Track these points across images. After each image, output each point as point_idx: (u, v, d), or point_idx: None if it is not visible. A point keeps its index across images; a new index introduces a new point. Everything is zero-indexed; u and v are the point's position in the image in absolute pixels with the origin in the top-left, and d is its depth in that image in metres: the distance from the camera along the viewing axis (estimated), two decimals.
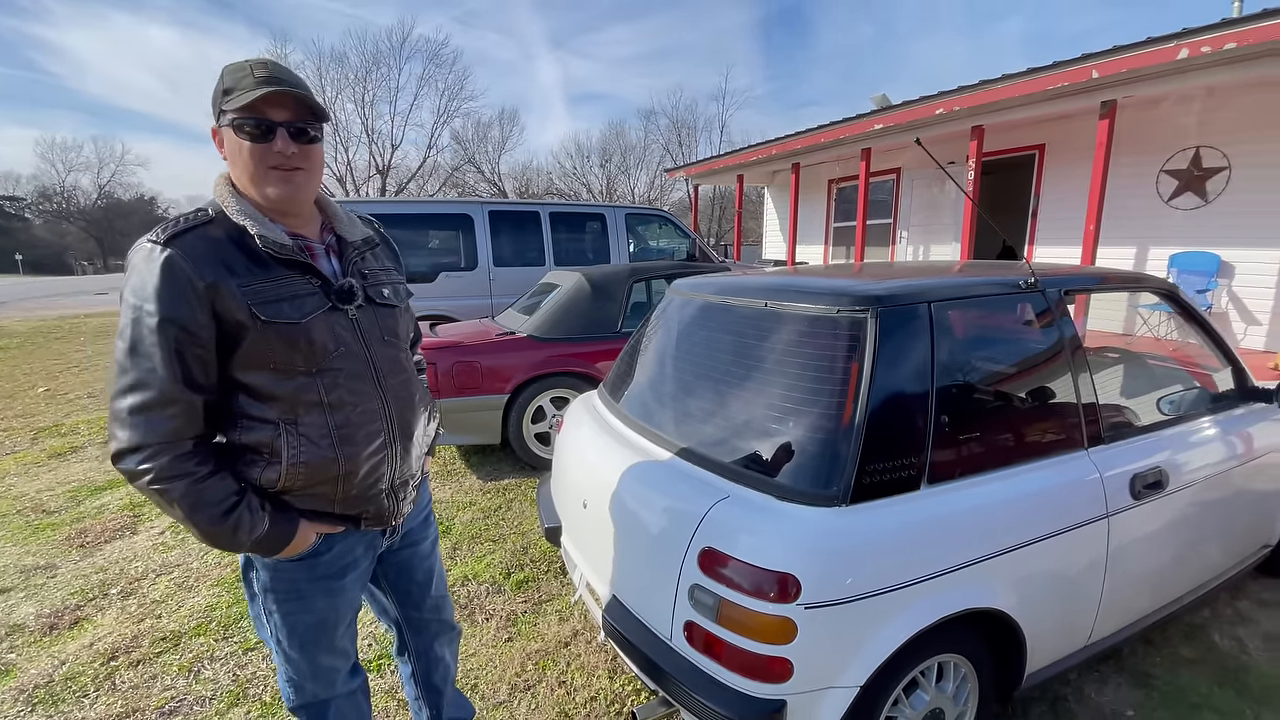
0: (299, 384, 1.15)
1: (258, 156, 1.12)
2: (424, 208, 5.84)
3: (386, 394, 1.28)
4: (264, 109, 1.10)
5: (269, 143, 1.11)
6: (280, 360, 1.13)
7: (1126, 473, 1.77)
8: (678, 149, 33.39)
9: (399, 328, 1.35)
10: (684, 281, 2.33)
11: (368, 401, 1.24)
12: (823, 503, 1.43)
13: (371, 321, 1.27)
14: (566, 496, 2.16)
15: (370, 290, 1.28)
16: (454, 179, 31.58)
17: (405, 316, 1.40)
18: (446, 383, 3.65)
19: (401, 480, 1.34)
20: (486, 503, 3.61)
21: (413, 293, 1.60)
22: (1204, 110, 6.09)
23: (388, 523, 1.36)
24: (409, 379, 1.36)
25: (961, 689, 1.63)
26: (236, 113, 1.09)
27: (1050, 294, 1.85)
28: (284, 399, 1.15)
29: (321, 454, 1.18)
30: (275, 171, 1.13)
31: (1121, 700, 2.01)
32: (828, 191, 10.73)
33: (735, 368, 1.85)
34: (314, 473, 1.18)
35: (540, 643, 2.37)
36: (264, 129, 1.11)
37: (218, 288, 1.07)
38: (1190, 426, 2.07)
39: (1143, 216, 6.62)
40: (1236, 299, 6.12)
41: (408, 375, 1.36)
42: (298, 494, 1.20)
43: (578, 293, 4.02)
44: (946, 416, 1.56)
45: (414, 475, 1.40)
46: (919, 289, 1.64)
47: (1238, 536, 2.26)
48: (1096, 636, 1.83)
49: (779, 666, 1.35)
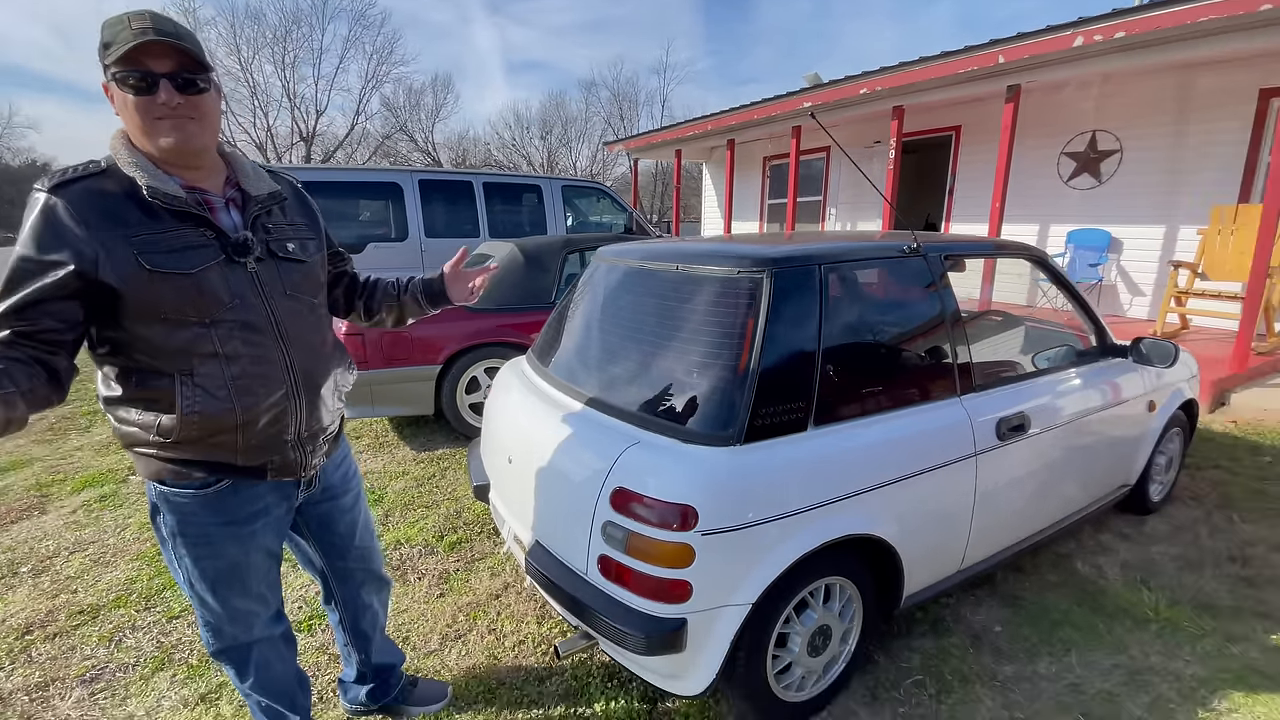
0: (193, 335, 1.19)
1: (143, 109, 1.13)
2: (350, 176, 5.65)
3: (289, 347, 1.31)
4: (144, 61, 1.11)
5: (153, 95, 1.13)
6: (171, 311, 1.16)
7: (993, 417, 2.01)
8: (619, 123, 33.14)
9: (305, 282, 1.38)
10: (608, 249, 2.42)
11: (267, 353, 1.27)
12: (719, 443, 1.58)
13: (273, 276, 1.30)
14: (493, 454, 2.24)
15: (274, 245, 1.31)
16: (385, 148, 30.27)
17: (317, 272, 1.43)
18: (375, 353, 3.63)
19: (310, 432, 1.39)
20: (419, 472, 3.64)
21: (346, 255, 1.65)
22: (1101, 96, 6.58)
23: (297, 474, 1.40)
24: (317, 333, 1.40)
25: (847, 608, 1.84)
26: (117, 66, 1.10)
27: (931, 259, 2.05)
28: (178, 350, 1.18)
29: (218, 405, 1.21)
30: (163, 123, 1.15)
31: (993, 618, 2.28)
32: (762, 169, 10.98)
33: (650, 327, 1.97)
34: (210, 423, 1.22)
35: (471, 596, 2.47)
36: (147, 81, 1.12)
37: (103, 237, 1.10)
38: (1055, 378, 2.33)
39: (1045, 196, 7.13)
40: (1124, 272, 6.71)
41: (316, 330, 1.40)
42: (197, 444, 1.24)
43: (511, 263, 4.05)
44: (832, 367, 1.73)
45: (325, 428, 1.44)
46: (811, 253, 1.80)
47: (1098, 476, 2.57)
48: (968, 563, 2.08)
49: (680, 588, 1.50)
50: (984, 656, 2.08)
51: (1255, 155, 5.58)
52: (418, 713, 1.87)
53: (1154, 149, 6.27)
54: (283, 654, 1.55)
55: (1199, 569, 2.60)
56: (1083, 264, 6.70)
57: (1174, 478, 3.12)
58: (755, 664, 1.65)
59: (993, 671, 2.02)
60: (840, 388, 1.75)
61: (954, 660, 2.06)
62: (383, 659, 1.83)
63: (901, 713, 1.86)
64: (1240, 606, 2.36)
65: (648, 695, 1.93)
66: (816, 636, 1.76)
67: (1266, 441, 3.91)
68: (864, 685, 1.95)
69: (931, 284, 2.03)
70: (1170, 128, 6.11)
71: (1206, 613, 2.32)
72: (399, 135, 31.01)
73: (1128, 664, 2.06)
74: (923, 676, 1.99)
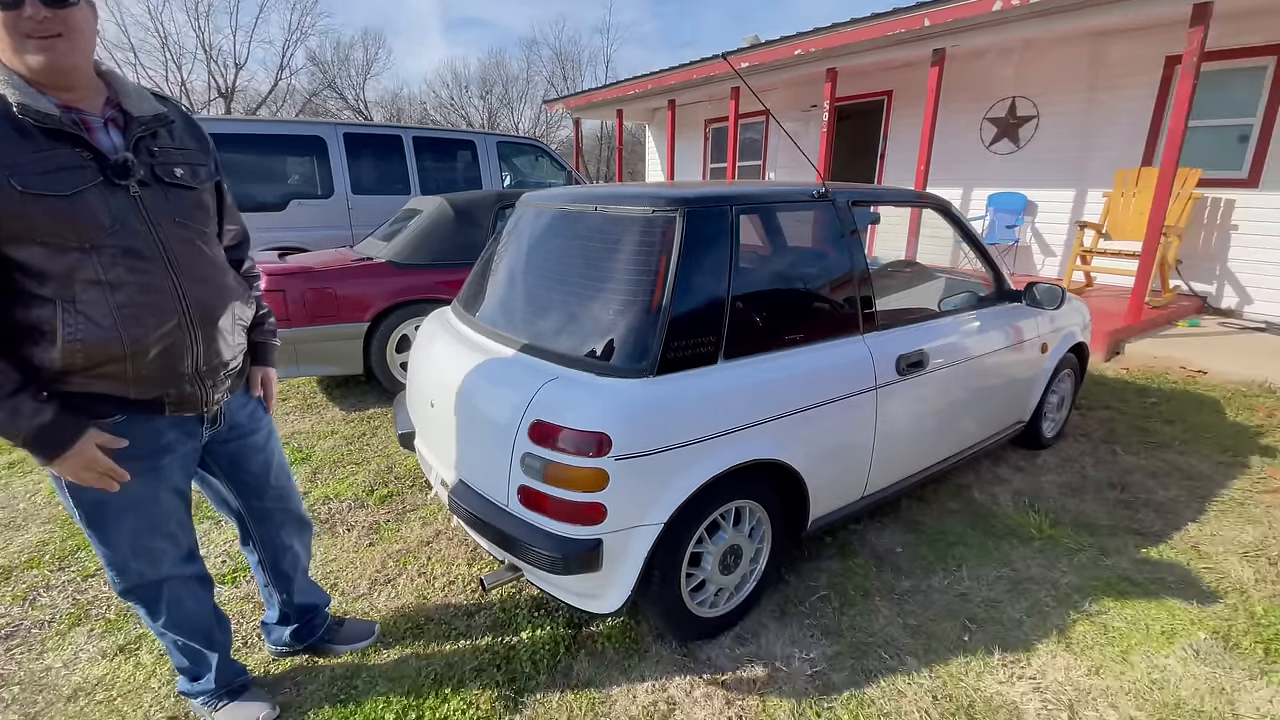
0: (73, 260, 1.15)
1: (10, 25, 1.09)
2: (268, 128, 5.34)
3: (179, 276, 1.27)
4: None
5: (19, 10, 1.08)
6: (47, 235, 1.13)
7: (894, 354, 2.14)
8: (562, 83, 32.26)
9: (196, 210, 1.34)
10: (532, 194, 2.42)
11: (156, 282, 1.24)
12: (633, 375, 1.64)
13: (159, 201, 1.26)
14: (417, 402, 2.25)
15: (159, 168, 1.27)
16: (313, 105, 28.58)
17: (208, 199, 1.39)
18: (298, 311, 3.52)
19: (209, 366, 1.36)
20: (349, 431, 3.59)
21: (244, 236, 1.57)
22: (1021, 63, 6.86)
23: (199, 409, 1.38)
24: (211, 264, 1.36)
25: (757, 530, 1.96)
26: None
27: (839, 204, 2.14)
28: (59, 275, 1.15)
29: (103, 333, 1.19)
30: (32, 40, 1.10)
31: (895, 541, 2.47)
32: (704, 132, 10.97)
33: (570, 268, 2.01)
34: (95, 352, 1.19)
35: (402, 544, 2.49)
36: None
37: None
38: (954, 320, 2.50)
39: (968, 160, 7.43)
40: (1038, 234, 7.11)
41: (209, 260, 1.36)
42: (84, 374, 1.21)
43: (440, 217, 3.96)
44: (741, 304, 1.81)
45: (226, 363, 1.41)
46: (723, 194, 1.86)
47: (993, 411, 2.78)
48: (871, 489, 2.24)
49: (594, 511, 1.57)
50: (885, 574, 2.27)
51: (1159, 121, 5.95)
52: (344, 650, 1.90)
53: (1068, 115, 6.60)
54: (196, 593, 1.55)
55: (1082, 494, 2.87)
56: (1001, 226, 7.06)
57: (1066, 416, 3.41)
58: (670, 582, 1.76)
59: (892, 586, 2.20)
60: (749, 324, 1.84)
61: (857, 578, 2.23)
62: (306, 599, 1.85)
63: (808, 624, 2.01)
64: (1116, 525, 2.63)
65: (573, 622, 2.02)
66: (728, 555, 1.87)
67: (1153, 385, 4.29)
68: (774, 602, 2.10)
69: (839, 228, 2.13)
70: (1083, 94, 6.44)
71: (1085, 531, 2.57)
72: (327, 92, 29.33)
73: (1011, 575, 2.28)
74: (828, 592, 2.15)
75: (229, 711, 1.64)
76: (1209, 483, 2.95)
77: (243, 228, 1.59)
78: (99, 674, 1.86)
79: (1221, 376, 4.35)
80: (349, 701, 1.74)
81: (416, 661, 1.88)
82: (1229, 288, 5.74)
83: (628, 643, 1.94)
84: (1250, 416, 3.70)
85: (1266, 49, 5.24)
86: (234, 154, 5.05)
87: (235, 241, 1.55)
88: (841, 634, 1.97)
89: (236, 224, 1.55)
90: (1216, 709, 1.70)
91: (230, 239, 1.52)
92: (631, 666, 1.86)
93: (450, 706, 1.72)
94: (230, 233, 1.52)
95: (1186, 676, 1.81)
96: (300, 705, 1.73)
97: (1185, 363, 4.55)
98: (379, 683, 1.80)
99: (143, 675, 1.85)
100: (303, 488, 2.94)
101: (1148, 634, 1.98)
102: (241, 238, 1.58)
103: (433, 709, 1.71)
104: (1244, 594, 2.17)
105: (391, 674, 1.83)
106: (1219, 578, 2.26)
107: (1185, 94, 4.41)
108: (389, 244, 4.00)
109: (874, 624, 2.02)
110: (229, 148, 5.01)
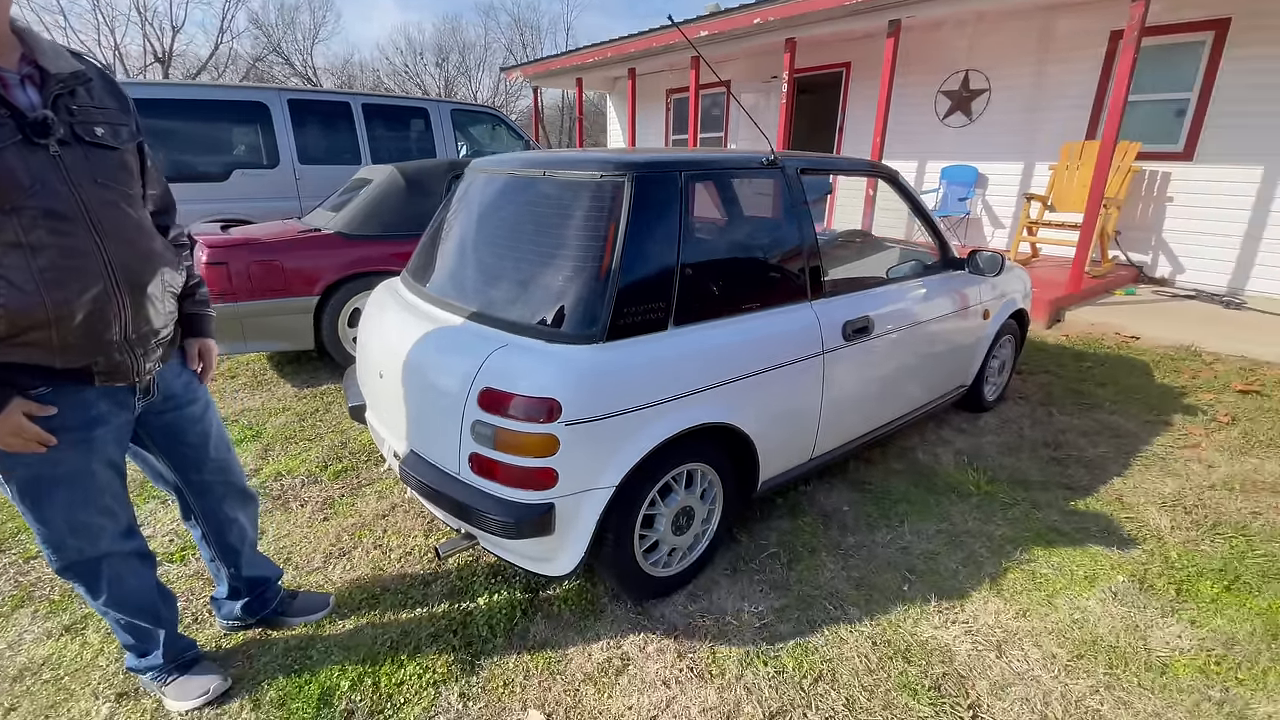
0: None
1: None
2: (207, 93, 5.06)
3: (104, 239, 1.23)
4: None
5: None
6: None
7: (840, 320, 2.20)
8: (521, 50, 31.39)
9: (119, 172, 1.29)
10: (481, 160, 2.38)
11: (79, 245, 1.20)
12: (583, 341, 1.65)
13: (80, 161, 1.21)
14: (367, 374, 2.22)
15: (79, 127, 1.21)
16: (257, 71, 27.19)
17: (130, 160, 1.33)
18: (243, 284, 3.40)
19: (139, 334, 1.33)
20: (301, 407, 3.52)
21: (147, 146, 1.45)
22: (974, 35, 6.95)
23: (130, 379, 1.35)
24: (137, 228, 1.32)
25: (709, 492, 2.02)
26: None
27: (789, 171, 2.17)
28: None
29: (25, 299, 1.14)
30: None
31: (842, 500, 2.57)
32: (665, 102, 10.85)
33: (519, 234, 1.99)
34: (18, 318, 1.15)
35: (357, 518, 2.48)
36: None
37: None
38: (899, 287, 2.57)
39: (924, 133, 7.55)
40: (989, 206, 7.30)
41: (135, 224, 1.31)
42: (7, 343, 1.17)
43: (391, 187, 3.86)
44: (691, 270, 1.83)
45: (156, 330, 1.38)
46: (672, 160, 1.86)
47: (937, 376, 2.88)
48: (819, 451, 2.32)
49: (546, 476, 1.59)
50: (832, 531, 2.36)
51: (1103, 95, 6.13)
52: (298, 623, 1.89)
53: (1018, 89, 6.75)
54: (137, 569, 1.52)
55: (1018, 453, 3.02)
56: (953, 199, 7.22)
57: (1006, 380, 3.56)
58: (624, 543, 1.80)
59: (838, 543, 2.29)
60: (699, 290, 1.86)
61: (805, 536, 2.32)
62: (255, 572, 1.83)
63: (757, 579, 2.09)
64: (1048, 481, 2.77)
65: (530, 586, 2.05)
66: (680, 517, 1.92)
67: (1090, 350, 4.50)
68: (726, 561, 2.17)
69: (788, 195, 2.15)
70: (1033, 68, 6.58)
71: (1020, 486, 2.72)
72: (273, 58, 27.92)
73: (949, 530, 2.40)
74: (777, 550, 2.24)
75: (179, 685, 1.62)
76: (1135, 440, 3.13)
77: (167, 192, 1.52)
78: (45, 654, 1.82)
79: (1153, 341, 4.58)
80: (303, 671, 1.74)
81: (372, 630, 1.89)
82: (1163, 257, 6.02)
83: (584, 604, 1.98)
84: (1176, 378, 3.93)
85: (1205, 24, 5.43)
86: (171, 121, 4.78)
87: (160, 207, 1.49)
88: (789, 588, 2.05)
89: (160, 189, 1.48)
90: (1130, 644, 1.84)
91: (154, 204, 1.46)
92: (587, 627, 1.90)
93: (406, 671, 1.74)
94: (153, 198, 1.45)
95: (1105, 616, 1.95)
96: (254, 676, 1.73)
97: (1120, 329, 4.78)
98: (334, 652, 1.81)
99: (90, 654, 1.82)
100: (253, 465, 2.89)
101: (1072, 579, 2.11)
102: (167, 203, 1.51)
103: (388, 674, 1.73)
104: (1160, 540, 2.33)
105: (347, 643, 1.84)
106: (1139, 526, 2.42)
107: (1126, 69, 4.55)
108: (338, 215, 3.88)
109: (820, 578, 2.10)
110: (166, 114, 4.74)
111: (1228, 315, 4.98)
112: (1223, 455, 2.98)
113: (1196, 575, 2.13)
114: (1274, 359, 4.14)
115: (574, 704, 1.65)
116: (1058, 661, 1.78)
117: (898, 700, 1.66)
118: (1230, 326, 4.65)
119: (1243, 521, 2.45)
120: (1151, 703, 1.65)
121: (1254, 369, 4.03)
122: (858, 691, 1.68)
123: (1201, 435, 3.19)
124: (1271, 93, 5.18)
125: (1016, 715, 1.62)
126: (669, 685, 1.70)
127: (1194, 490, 2.68)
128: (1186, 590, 2.07)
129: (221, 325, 3.42)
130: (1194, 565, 2.18)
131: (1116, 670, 1.75)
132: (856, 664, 1.77)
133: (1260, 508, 2.55)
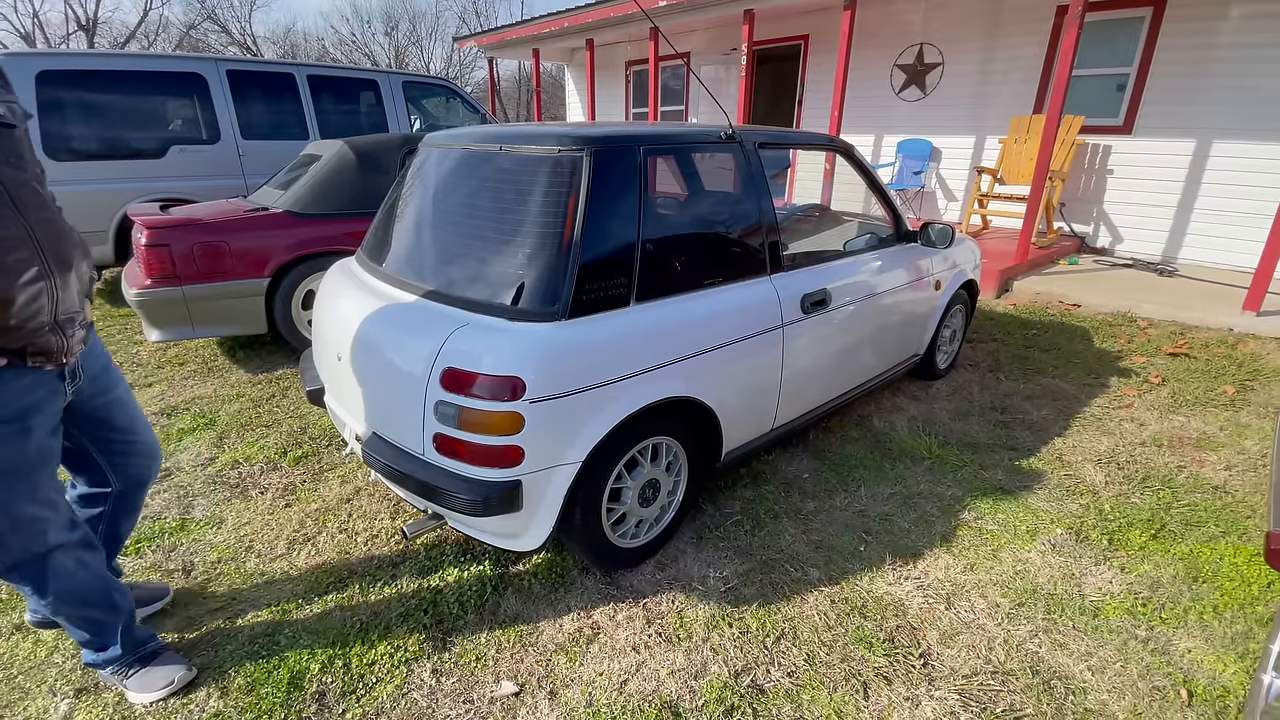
0: None
1: None
2: (138, 64, 4.74)
3: (28, 220, 1.20)
4: None
5: None
6: None
7: (798, 293, 2.25)
8: (475, 19, 30.36)
9: (22, 149, 1.24)
10: (435, 134, 2.32)
11: (8, 228, 1.16)
12: (546, 319, 1.66)
13: None
14: (324, 357, 2.17)
15: None
16: (191, 40, 25.67)
17: (26, 139, 1.27)
18: (186, 267, 3.26)
19: (66, 316, 1.30)
20: (256, 393, 3.42)
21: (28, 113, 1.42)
22: (929, 8, 7.02)
23: (58, 360, 1.32)
24: (50, 208, 1.28)
25: (674, 464, 2.06)
26: None
27: (747, 146, 2.18)
28: None
29: None
30: None
31: (803, 468, 2.66)
32: (625, 74, 10.69)
33: (476, 211, 1.96)
34: None
35: (321, 503, 2.45)
36: None
37: None
38: (855, 260, 2.63)
39: (880, 107, 7.64)
40: (942, 180, 7.46)
41: (46, 203, 1.27)
42: None
43: (342, 163, 3.73)
44: (652, 245, 1.84)
45: (78, 312, 1.35)
46: (631, 134, 1.86)
47: (892, 345, 2.98)
48: (780, 421, 2.38)
49: (512, 453, 1.61)
50: (793, 498, 2.44)
51: (1049, 69, 6.29)
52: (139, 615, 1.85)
53: (970, 63, 6.87)
54: (85, 560, 1.48)
55: (968, 418, 3.16)
56: (909, 172, 7.36)
57: (958, 348, 3.70)
58: (592, 517, 1.83)
59: (799, 508, 2.38)
60: (661, 265, 1.87)
61: (768, 503, 2.40)
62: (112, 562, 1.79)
63: (722, 546, 2.16)
64: (995, 443, 2.91)
65: (500, 561, 2.07)
66: (647, 489, 1.96)
67: (1035, 318, 4.70)
68: (692, 530, 2.24)
69: (747, 169, 2.17)
70: (983, 42, 6.70)
71: (969, 449, 2.85)
72: (208, 25, 26.39)
73: (903, 492, 2.50)
74: (741, 517, 2.31)
75: (141, 677, 1.60)
76: (1075, 402, 3.31)
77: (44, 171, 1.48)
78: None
79: (1093, 309, 4.81)
80: (271, 656, 1.73)
81: (341, 613, 1.89)
82: (1104, 228, 6.28)
83: (554, 578, 2.02)
84: (1113, 343, 4.14)
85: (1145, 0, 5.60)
86: (100, 94, 4.48)
87: None
88: (753, 553, 2.13)
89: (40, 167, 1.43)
90: (1066, 591, 1.98)
91: None
92: (558, 599, 1.94)
93: (377, 651, 1.75)
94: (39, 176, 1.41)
95: (1044, 566, 2.08)
96: (220, 665, 1.71)
97: (1063, 297, 4.99)
98: (302, 636, 1.80)
99: (44, 651, 1.77)
100: (208, 454, 2.81)
101: (1015, 533, 2.24)
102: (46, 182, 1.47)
103: (359, 655, 1.73)
104: (1095, 495, 2.49)
105: (315, 627, 1.84)
106: (1076, 482, 2.58)
107: (1070, 44, 4.68)
108: (286, 193, 3.74)
109: (781, 542, 2.18)
110: (93, 87, 4.44)
111: (1161, 282, 5.25)
112: (1153, 414, 3.18)
113: (1127, 525, 2.29)
114: (1201, 323, 4.41)
115: (546, 674, 1.69)
116: (1001, 610, 1.90)
117: (855, 653, 1.75)
118: (1163, 293, 4.90)
119: (1169, 475, 2.63)
120: (1084, 643, 1.78)
121: (1183, 332, 4.27)
122: (817, 647, 1.77)
123: (1134, 396, 3.38)
124: (1203, 67, 5.41)
125: (964, 661, 1.73)
126: (638, 650, 1.76)
127: (1127, 447, 2.86)
128: (1118, 540, 2.22)
129: (166, 310, 3.29)
130: (1125, 516, 2.34)
131: (1054, 615, 1.88)
132: (816, 621, 1.85)
133: (1185, 461, 2.74)
